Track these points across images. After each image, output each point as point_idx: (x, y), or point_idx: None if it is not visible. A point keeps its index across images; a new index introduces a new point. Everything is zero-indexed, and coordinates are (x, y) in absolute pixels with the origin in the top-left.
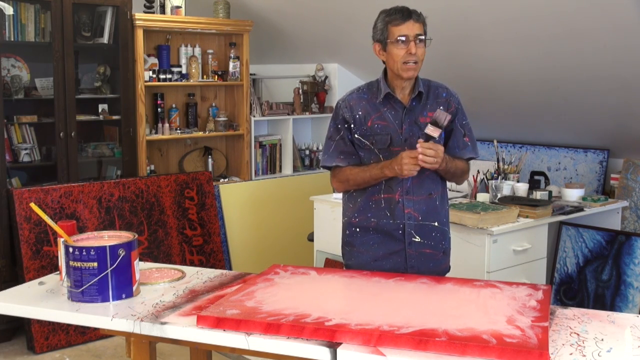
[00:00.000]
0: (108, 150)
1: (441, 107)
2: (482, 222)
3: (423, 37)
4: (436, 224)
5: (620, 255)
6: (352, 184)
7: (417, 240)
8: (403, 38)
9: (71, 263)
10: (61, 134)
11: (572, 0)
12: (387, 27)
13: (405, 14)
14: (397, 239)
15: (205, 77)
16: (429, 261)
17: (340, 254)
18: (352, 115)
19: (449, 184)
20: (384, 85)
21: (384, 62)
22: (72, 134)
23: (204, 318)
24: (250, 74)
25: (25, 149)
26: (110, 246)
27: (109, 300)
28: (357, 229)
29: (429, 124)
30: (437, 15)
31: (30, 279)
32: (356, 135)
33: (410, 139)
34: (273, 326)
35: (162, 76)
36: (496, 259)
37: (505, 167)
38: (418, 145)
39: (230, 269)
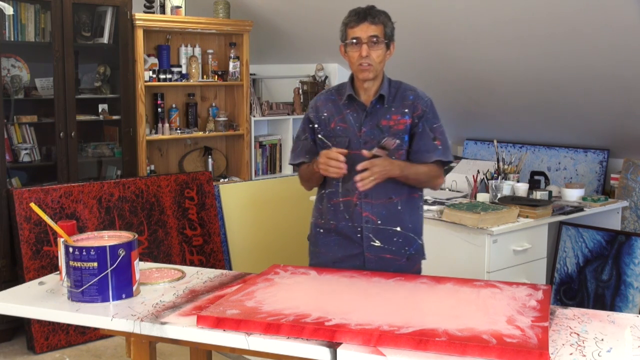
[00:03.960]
0: (108, 150)
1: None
2: (482, 222)
3: (378, 39)
4: (398, 229)
5: (620, 255)
6: (304, 180)
7: (376, 244)
8: (354, 40)
9: (71, 263)
10: (61, 134)
11: (572, 0)
12: (345, 29)
13: (360, 16)
14: (355, 242)
15: (205, 77)
16: (389, 266)
17: None
18: (318, 116)
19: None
20: (349, 88)
21: None
22: (72, 134)
23: (204, 318)
24: (250, 74)
25: (25, 149)
26: (110, 246)
27: (109, 300)
28: (321, 230)
29: (377, 146)
30: (438, 16)
31: (30, 279)
32: (319, 136)
33: (370, 141)
34: (273, 326)
35: (162, 76)
36: (496, 259)
37: (505, 167)
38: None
39: (230, 269)
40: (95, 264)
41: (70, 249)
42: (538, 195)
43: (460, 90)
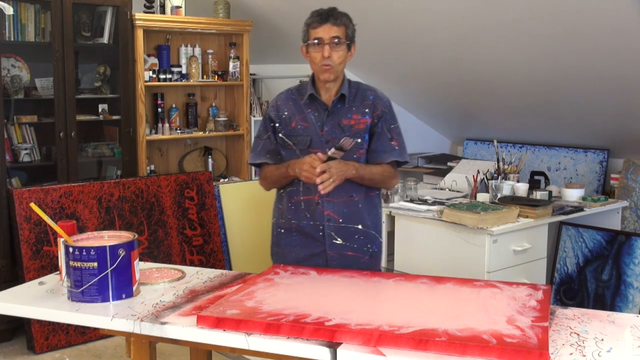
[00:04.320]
0: (108, 150)
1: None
2: (482, 222)
3: (339, 40)
4: (360, 226)
5: (620, 255)
6: (269, 181)
7: (338, 242)
8: (316, 41)
9: (71, 263)
10: (61, 134)
11: (573, 1)
12: (307, 29)
13: (323, 17)
14: (317, 240)
15: (205, 77)
16: (351, 264)
17: None
18: (278, 115)
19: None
20: (310, 87)
21: None
22: (72, 134)
23: (204, 318)
24: (250, 74)
25: (25, 149)
26: (110, 246)
27: (109, 300)
28: (282, 230)
29: (334, 147)
30: (438, 17)
31: (30, 279)
32: (280, 135)
33: (332, 140)
34: (273, 326)
35: (162, 76)
36: (496, 259)
37: (505, 167)
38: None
39: (230, 269)
40: (95, 264)
41: (70, 249)
42: (538, 195)
43: (461, 91)
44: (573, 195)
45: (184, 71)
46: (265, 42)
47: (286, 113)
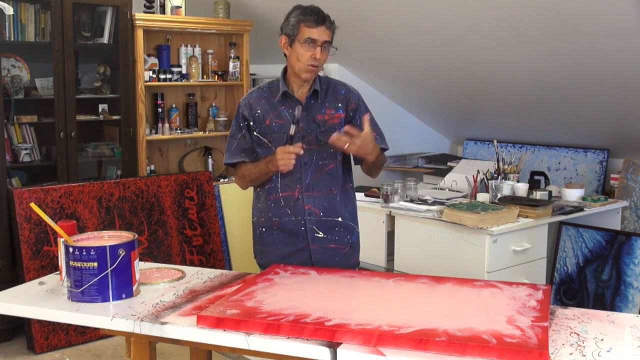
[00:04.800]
0: (108, 150)
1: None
2: (482, 222)
3: (329, 45)
4: (340, 219)
5: (620, 255)
6: (247, 180)
7: (320, 235)
8: (311, 42)
9: (71, 263)
10: (61, 134)
11: (572, 0)
12: (299, 25)
13: (320, 18)
14: (300, 235)
15: (205, 77)
16: (334, 256)
17: None
18: (252, 114)
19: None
20: (282, 84)
21: (285, 56)
22: (72, 134)
23: (204, 318)
24: (250, 74)
25: (25, 149)
26: (110, 246)
27: (109, 300)
28: (264, 229)
29: (291, 124)
30: (438, 16)
31: (30, 279)
32: (255, 133)
33: (307, 136)
34: (273, 326)
35: (162, 76)
36: (496, 259)
37: (505, 167)
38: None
39: (230, 269)
40: (95, 264)
41: (70, 249)
42: (538, 195)
43: (461, 91)
44: (573, 195)
45: (184, 71)
46: (265, 42)
47: (259, 111)
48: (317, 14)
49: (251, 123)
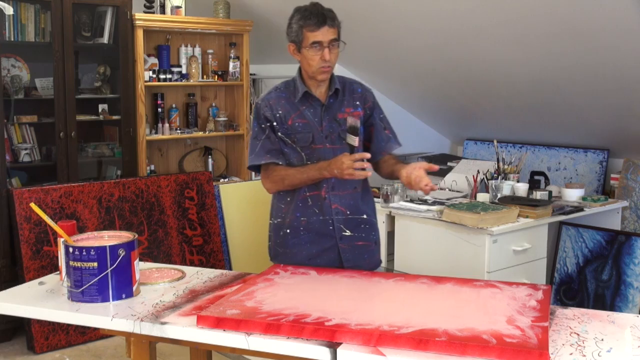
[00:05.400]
0: (108, 150)
1: (351, 112)
2: (482, 222)
3: (337, 42)
4: (365, 216)
5: (620, 255)
6: (287, 184)
7: (347, 234)
8: (317, 45)
9: (71, 263)
10: (61, 134)
11: (572, 0)
12: (301, 31)
13: (320, 20)
14: (328, 235)
15: (205, 77)
16: (363, 253)
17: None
18: (273, 114)
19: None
20: (301, 84)
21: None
22: (72, 134)
23: (204, 318)
24: (250, 74)
25: (25, 149)
26: (110, 246)
27: (109, 300)
28: (288, 230)
29: (348, 134)
30: (438, 16)
31: (30, 279)
32: (279, 134)
33: (330, 135)
34: (273, 326)
35: (162, 76)
36: (496, 259)
37: (505, 167)
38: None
39: (230, 269)
40: (95, 264)
41: (70, 249)
42: (538, 195)
43: (461, 91)
44: (573, 195)
45: (184, 71)
46: (265, 42)
47: (280, 112)
48: (316, 16)
49: (274, 123)
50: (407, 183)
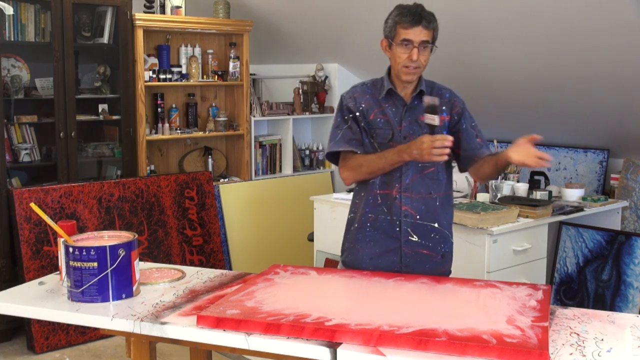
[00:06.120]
0: (108, 150)
1: (427, 97)
2: (482, 222)
3: (429, 45)
4: (436, 225)
5: (620, 255)
6: (365, 170)
7: (414, 239)
8: (407, 43)
9: (71, 263)
10: (61, 134)
11: (573, 0)
12: (395, 27)
13: (415, 19)
14: (393, 236)
15: (205, 77)
16: (425, 262)
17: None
18: (357, 107)
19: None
20: (387, 82)
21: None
22: (72, 134)
23: (204, 318)
24: (250, 74)
25: (25, 149)
26: (110, 246)
27: (109, 300)
28: (357, 225)
29: (426, 114)
30: (438, 16)
31: (30, 279)
32: (362, 124)
33: (409, 137)
34: (273, 326)
35: (162, 76)
36: (496, 259)
37: None
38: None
39: (230, 269)
40: (95, 264)
41: (70, 249)
42: (538, 195)
43: (460, 90)
44: (573, 195)
45: (184, 71)
46: (265, 42)
47: (363, 105)
48: (413, 14)
49: (357, 114)
50: (520, 162)
